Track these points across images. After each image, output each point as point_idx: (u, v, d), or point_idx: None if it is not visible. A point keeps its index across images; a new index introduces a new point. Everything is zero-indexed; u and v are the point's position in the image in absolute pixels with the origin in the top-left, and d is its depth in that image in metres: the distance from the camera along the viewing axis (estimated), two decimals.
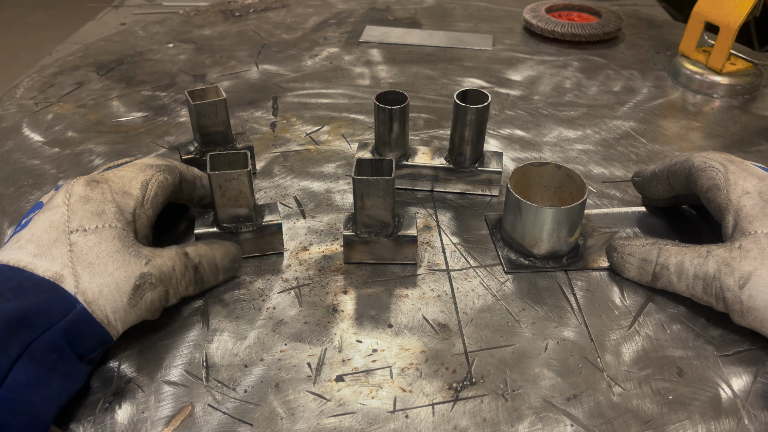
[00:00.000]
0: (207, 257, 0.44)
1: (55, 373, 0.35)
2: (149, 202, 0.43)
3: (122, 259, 0.39)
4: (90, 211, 0.40)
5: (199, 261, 0.43)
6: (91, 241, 0.38)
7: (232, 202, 0.46)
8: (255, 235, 0.48)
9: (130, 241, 0.40)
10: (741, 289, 0.39)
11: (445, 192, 0.57)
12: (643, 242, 0.46)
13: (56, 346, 0.35)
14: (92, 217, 0.39)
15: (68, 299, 0.36)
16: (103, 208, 0.40)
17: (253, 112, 0.70)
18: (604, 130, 0.67)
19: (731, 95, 0.74)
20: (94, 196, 0.41)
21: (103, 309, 0.37)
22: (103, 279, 0.37)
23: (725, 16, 0.71)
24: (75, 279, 0.37)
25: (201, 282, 0.44)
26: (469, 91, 0.53)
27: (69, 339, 0.36)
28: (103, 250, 0.38)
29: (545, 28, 0.88)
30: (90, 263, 0.38)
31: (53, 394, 0.35)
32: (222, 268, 0.45)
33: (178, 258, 0.42)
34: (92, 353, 0.38)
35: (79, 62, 0.82)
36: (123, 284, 0.38)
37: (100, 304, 0.37)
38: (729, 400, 0.38)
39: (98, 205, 0.40)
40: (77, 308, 0.36)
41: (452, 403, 0.38)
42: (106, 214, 0.40)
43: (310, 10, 1.00)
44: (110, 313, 0.37)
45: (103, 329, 0.37)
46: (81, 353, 0.37)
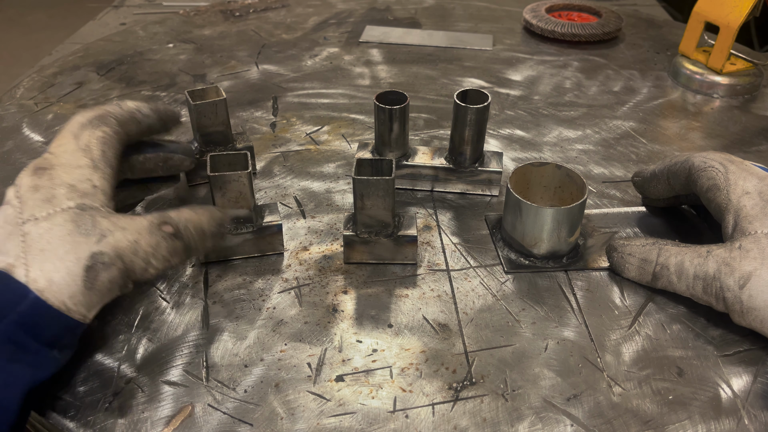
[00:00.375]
0: (193, 221, 0.41)
1: (15, 363, 0.34)
2: (100, 162, 0.42)
3: (72, 241, 0.37)
4: (40, 199, 0.39)
5: (185, 225, 0.41)
6: (42, 228, 0.37)
7: (232, 203, 0.46)
8: (255, 236, 0.48)
9: (84, 218, 0.38)
10: (741, 289, 0.39)
11: (445, 192, 0.57)
12: (643, 242, 0.46)
13: (11, 338, 0.35)
14: (43, 205, 0.38)
15: (19, 289, 0.36)
16: (52, 193, 0.39)
17: (253, 112, 0.70)
18: (604, 130, 0.67)
19: (731, 95, 0.74)
20: (42, 183, 0.39)
21: (57, 295, 0.36)
22: (53, 264, 0.36)
23: (725, 16, 0.71)
24: (25, 268, 0.36)
25: (186, 249, 0.41)
26: (469, 91, 0.53)
27: (27, 329, 0.35)
28: (54, 235, 0.37)
29: (545, 28, 0.88)
30: (41, 250, 0.37)
31: (15, 380, 0.34)
32: (209, 233, 0.43)
33: (147, 229, 0.39)
34: (61, 339, 0.37)
35: (79, 62, 0.82)
36: (73, 267, 0.37)
37: (53, 291, 0.36)
38: (729, 400, 0.38)
39: (47, 191, 0.39)
40: (30, 297, 0.35)
41: (452, 403, 0.38)
42: (56, 198, 0.39)
43: (310, 10, 1.00)
44: (67, 299, 0.36)
45: (64, 315, 0.36)
46: (46, 340, 0.36)
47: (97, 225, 0.38)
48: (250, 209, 0.47)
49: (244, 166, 0.46)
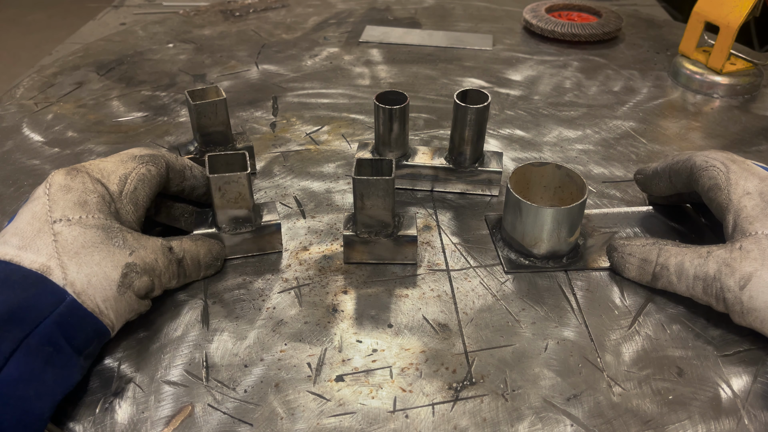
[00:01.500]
0: (191, 253, 0.44)
1: (49, 366, 0.35)
2: (127, 196, 0.43)
3: (107, 250, 0.39)
4: (72, 201, 0.39)
5: (183, 256, 0.44)
6: (76, 231, 0.38)
7: (232, 203, 0.46)
8: (254, 235, 0.48)
9: (114, 231, 0.40)
10: (741, 289, 0.39)
11: (445, 192, 0.57)
12: (643, 242, 0.46)
13: (50, 340, 0.35)
14: (75, 207, 0.39)
15: (57, 291, 0.36)
16: (85, 198, 0.40)
17: (253, 112, 0.70)
18: (604, 130, 0.67)
19: (731, 95, 0.74)
20: (75, 185, 0.40)
21: (93, 299, 0.37)
22: (90, 269, 0.38)
23: (725, 16, 0.71)
24: (62, 270, 0.37)
25: (183, 276, 0.44)
26: (469, 91, 0.53)
27: (63, 331, 0.36)
28: (89, 240, 0.38)
29: (545, 28, 0.88)
30: (76, 253, 0.38)
31: (48, 389, 0.35)
32: (204, 264, 0.46)
33: (161, 251, 0.42)
34: (88, 346, 0.38)
35: (79, 62, 0.82)
36: (110, 273, 0.38)
37: (89, 294, 0.37)
38: (729, 400, 0.38)
39: (80, 195, 0.40)
40: (67, 299, 0.36)
41: (452, 403, 0.38)
42: (88, 204, 0.40)
43: (310, 10, 1.00)
44: (101, 302, 0.37)
45: (96, 319, 0.37)
46: (77, 346, 0.37)
47: (126, 240, 0.40)
48: (249, 209, 0.47)
49: (242, 166, 0.46)
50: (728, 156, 0.46)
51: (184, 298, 0.46)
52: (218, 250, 0.47)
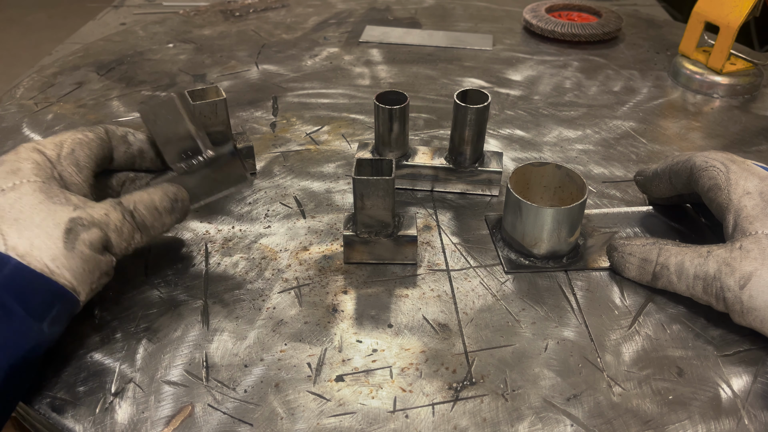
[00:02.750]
0: (144, 202, 0.43)
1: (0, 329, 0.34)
2: (66, 159, 0.42)
3: (47, 209, 0.38)
4: (5, 171, 0.39)
5: (134, 206, 0.42)
6: (11, 198, 0.38)
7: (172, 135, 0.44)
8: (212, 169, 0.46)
9: (54, 191, 0.39)
10: (741, 289, 0.39)
11: (445, 192, 0.57)
12: (643, 242, 0.46)
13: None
14: (7, 176, 0.39)
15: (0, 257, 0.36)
16: (18, 166, 0.40)
17: (253, 112, 0.70)
18: (604, 130, 0.67)
19: (731, 95, 0.74)
20: (7, 158, 0.40)
21: (39, 259, 0.36)
22: (31, 231, 0.37)
23: (725, 16, 0.71)
24: (2, 237, 0.36)
25: (144, 227, 0.42)
26: (469, 91, 0.53)
27: (12, 294, 0.35)
28: (26, 204, 0.38)
29: (545, 28, 0.88)
30: (15, 219, 0.37)
31: None
32: (163, 209, 0.44)
33: (110, 206, 0.41)
34: (49, 310, 0.37)
35: (79, 62, 0.82)
36: (53, 231, 0.37)
37: (35, 255, 0.36)
38: (729, 400, 0.38)
39: (12, 164, 0.40)
40: (11, 263, 0.36)
41: (452, 403, 0.38)
42: (21, 170, 0.39)
43: (310, 10, 1.00)
44: (49, 262, 0.37)
45: (48, 279, 0.36)
46: (32, 309, 0.36)
47: (69, 199, 0.39)
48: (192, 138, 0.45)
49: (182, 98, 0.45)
50: (728, 156, 0.46)
51: (184, 298, 0.46)
52: (174, 191, 0.45)
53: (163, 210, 0.44)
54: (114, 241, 0.40)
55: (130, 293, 0.46)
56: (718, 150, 0.49)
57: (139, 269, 0.48)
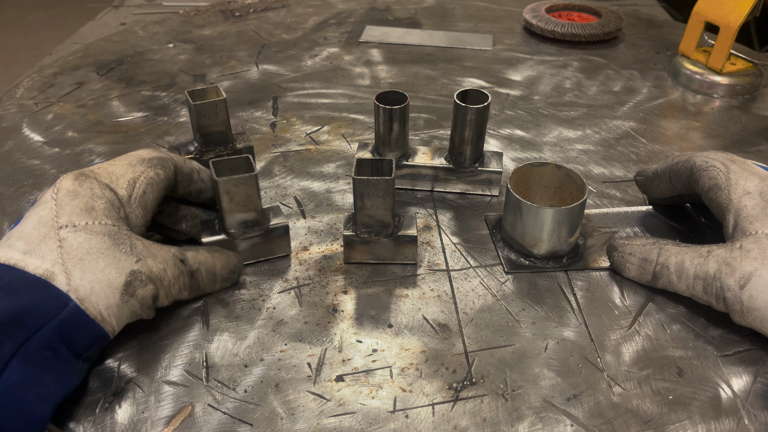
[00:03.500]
0: (206, 265, 0.44)
1: (49, 371, 0.35)
2: (137, 201, 0.42)
3: (113, 256, 0.38)
4: (79, 207, 0.39)
5: (197, 268, 0.43)
6: (81, 237, 0.38)
7: (240, 207, 0.45)
8: (263, 239, 0.47)
9: (121, 237, 0.39)
10: (741, 289, 0.39)
11: (445, 192, 0.57)
12: (643, 242, 0.46)
13: (50, 345, 0.35)
14: (81, 213, 0.39)
15: (60, 297, 0.36)
16: (92, 204, 0.39)
17: (253, 112, 0.70)
18: (604, 130, 0.67)
19: (731, 95, 0.74)
20: (82, 191, 0.40)
21: (96, 306, 0.37)
22: (94, 276, 0.37)
23: (725, 16, 0.71)
24: (66, 276, 0.36)
25: (196, 288, 0.43)
26: (469, 91, 0.53)
27: (63, 337, 0.35)
28: (94, 247, 0.38)
29: (545, 28, 0.88)
30: (80, 260, 0.37)
31: (48, 392, 0.35)
32: (220, 277, 0.45)
33: (172, 261, 0.41)
34: (88, 350, 0.37)
35: (79, 62, 0.82)
36: (114, 280, 0.38)
37: (92, 301, 0.37)
38: (729, 400, 0.38)
39: (87, 201, 0.39)
40: (70, 306, 0.36)
41: (452, 403, 0.38)
42: (95, 210, 0.39)
43: (310, 10, 1.00)
44: (103, 310, 0.37)
45: (98, 326, 0.37)
46: (76, 350, 0.37)
47: (134, 247, 0.40)
48: (258, 212, 0.46)
49: (248, 168, 0.45)
50: (728, 156, 0.46)
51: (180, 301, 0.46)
52: (235, 263, 0.46)
53: (220, 278, 0.45)
54: (162, 296, 0.41)
55: None
56: (718, 150, 0.49)
57: None
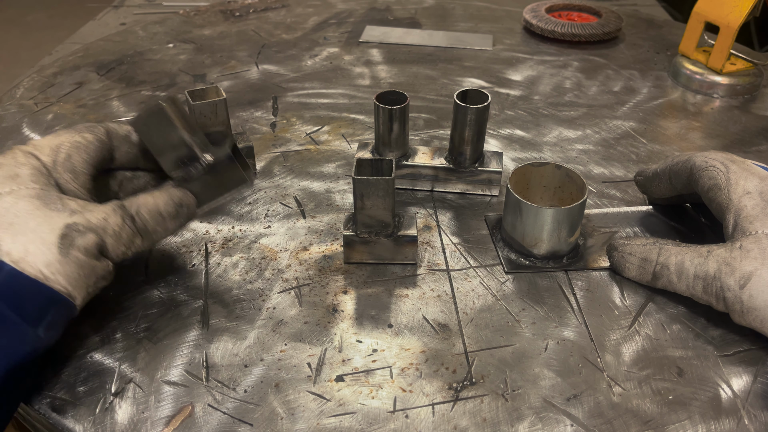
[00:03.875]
0: (147, 205, 0.41)
1: None
2: (62, 165, 0.41)
3: (43, 215, 0.37)
4: (2, 176, 0.39)
5: (136, 210, 0.41)
6: (7, 202, 0.37)
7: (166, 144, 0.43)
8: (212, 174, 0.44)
9: (51, 198, 0.39)
10: (741, 289, 0.39)
11: (445, 192, 0.57)
12: (643, 242, 0.46)
13: None
14: (5, 181, 0.38)
15: None
16: (15, 171, 0.39)
17: (253, 112, 0.70)
18: (604, 130, 0.67)
19: (731, 95, 0.74)
20: (5, 161, 0.40)
21: (33, 265, 0.36)
22: (26, 236, 0.36)
23: (725, 16, 0.71)
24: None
25: (146, 231, 0.41)
26: (469, 91, 0.53)
27: (7, 301, 0.35)
28: (22, 209, 0.37)
29: (545, 28, 0.88)
30: (10, 224, 0.37)
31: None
32: (167, 214, 0.42)
33: (111, 209, 0.40)
34: (45, 315, 0.36)
35: (79, 62, 0.82)
36: (48, 236, 0.37)
37: (29, 261, 0.36)
38: (729, 400, 0.38)
39: (10, 169, 0.39)
40: (5, 269, 0.35)
41: (452, 403, 0.38)
42: (20, 176, 0.39)
43: (310, 10, 1.00)
44: (43, 268, 0.36)
45: (42, 285, 0.36)
46: (27, 315, 0.36)
47: (66, 204, 0.39)
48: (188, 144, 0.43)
49: None
50: (728, 156, 0.46)
51: (184, 299, 0.46)
52: (180, 196, 0.43)
53: (167, 215, 0.43)
54: (111, 245, 0.39)
55: (130, 293, 0.46)
56: (718, 150, 0.49)
57: (139, 269, 0.48)
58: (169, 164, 0.44)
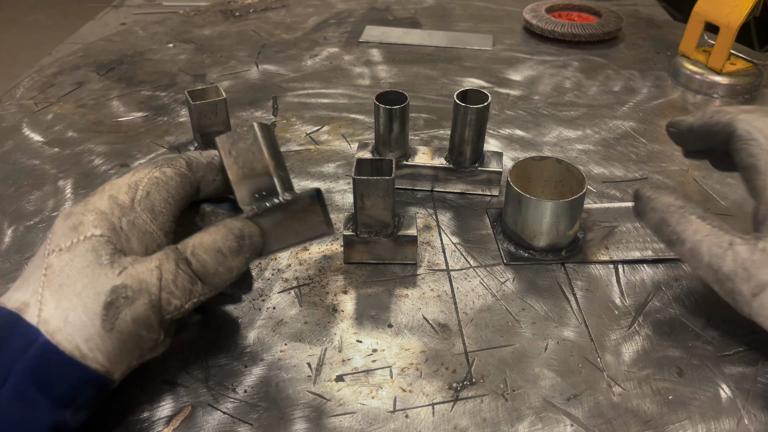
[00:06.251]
0: (203, 243, 0.35)
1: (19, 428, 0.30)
2: (140, 204, 0.35)
3: (92, 273, 0.32)
4: (68, 227, 0.33)
5: (191, 251, 0.34)
6: (64, 259, 0.32)
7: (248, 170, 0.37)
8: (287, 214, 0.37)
9: (107, 247, 0.33)
10: (753, 297, 0.36)
11: (445, 192, 0.57)
12: (670, 201, 0.40)
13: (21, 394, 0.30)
14: (69, 233, 0.33)
15: (29, 332, 0.31)
16: (81, 220, 0.34)
17: (253, 112, 0.70)
18: (604, 130, 0.67)
19: (731, 95, 0.74)
20: (75, 210, 0.35)
21: (71, 339, 0.31)
22: (69, 302, 0.31)
23: (725, 16, 0.71)
24: (39, 307, 0.31)
25: (206, 274, 0.35)
26: (469, 91, 0.53)
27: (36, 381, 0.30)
28: (75, 267, 0.32)
29: (545, 28, 0.88)
30: (60, 285, 0.32)
31: None
32: (228, 249, 0.35)
33: (164, 255, 0.34)
34: (77, 396, 0.31)
35: (79, 62, 0.82)
36: (91, 303, 0.31)
37: (66, 333, 0.31)
38: (729, 400, 0.38)
39: (77, 218, 0.34)
40: (39, 342, 0.30)
41: (452, 403, 0.38)
42: (83, 224, 0.33)
43: (310, 10, 1.00)
44: (82, 343, 0.31)
45: (77, 363, 0.31)
46: (57, 397, 0.31)
47: (118, 257, 0.33)
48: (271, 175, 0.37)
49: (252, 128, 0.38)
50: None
51: None
52: (239, 227, 0.36)
53: (228, 251, 0.35)
54: (165, 300, 0.33)
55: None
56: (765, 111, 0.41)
57: None
58: (245, 194, 0.38)
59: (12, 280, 0.47)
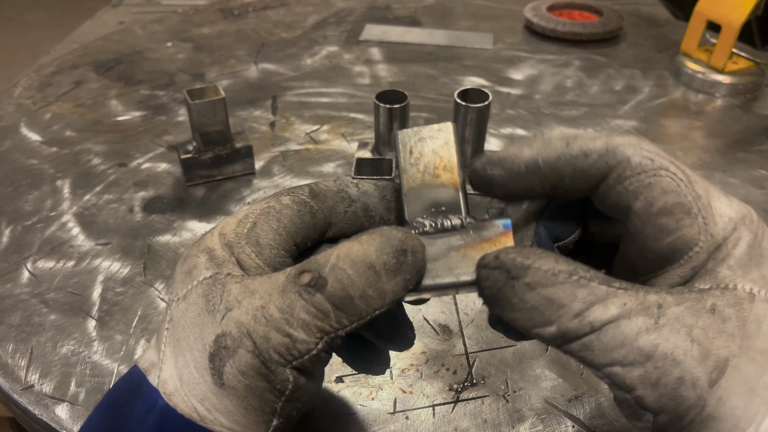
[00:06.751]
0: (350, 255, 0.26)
1: None
2: (244, 238, 0.29)
3: (201, 323, 0.27)
4: (184, 272, 0.29)
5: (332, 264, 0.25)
6: (181, 309, 0.28)
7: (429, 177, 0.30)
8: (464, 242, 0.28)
9: (215, 289, 0.27)
10: (711, 387, 0.23)
11: None
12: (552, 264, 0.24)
13: None
14: (185, 279, 0.29)
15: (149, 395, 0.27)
16: (195, 263, 0.29)
17: (252, 111, 0.70)
18: (605, 129, 0.67)
19: (733, 94, 0.74)
20: (190, 252, 0.30)
21: (186, 399, 0.26)
22: (184, 357, 0.27)
23: (727, 15, 0.70)
24: (160, 365, 0.28)
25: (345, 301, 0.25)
26: (470, 90, 0.52)
27: None
28: (189, 317, 0.27)
29: (546, 26, 0.87)
30: (178, 339, 0.27)
31: None
32: (383, 266, 0.25)
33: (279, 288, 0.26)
34: None
35: (77, 61, 0.81)
36: (200, 358, 0.26)
37: (182, 394, 0.26)
38: None
39: (191, 261, 0.29)
40: (158, 406, 0.26)
41: (453, 404, 0.38)
42: (197, 268, 0.29)
43: (310, 9, 1.00)
44: (197, 403, 0.26)
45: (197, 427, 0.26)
46: None
47: (225, 296, 0.27)
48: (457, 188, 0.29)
49: None
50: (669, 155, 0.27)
51: None
52: (400, 238, 0.26)
53: (382, 267, 0.25)
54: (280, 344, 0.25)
55: (129, 293, 0.46)
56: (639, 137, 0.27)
57: (138, 269, 0.48)
58: (418, 205, 0.30)
59: (11, 279, 0.47)
